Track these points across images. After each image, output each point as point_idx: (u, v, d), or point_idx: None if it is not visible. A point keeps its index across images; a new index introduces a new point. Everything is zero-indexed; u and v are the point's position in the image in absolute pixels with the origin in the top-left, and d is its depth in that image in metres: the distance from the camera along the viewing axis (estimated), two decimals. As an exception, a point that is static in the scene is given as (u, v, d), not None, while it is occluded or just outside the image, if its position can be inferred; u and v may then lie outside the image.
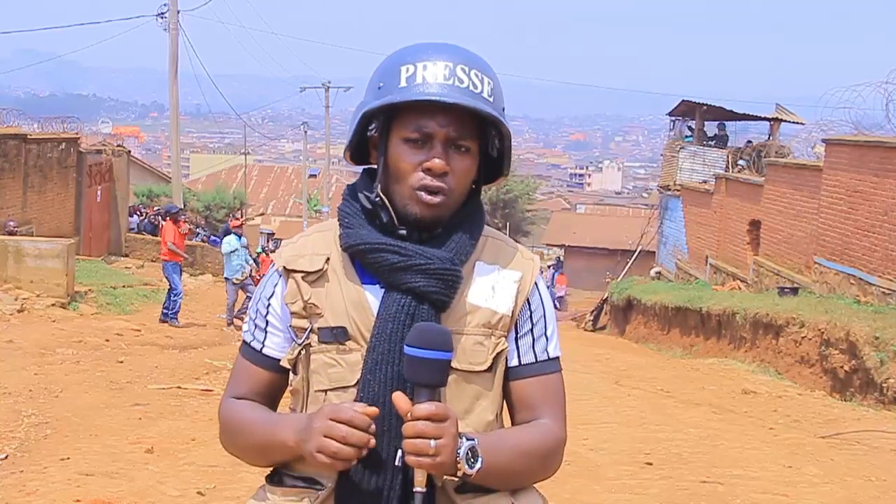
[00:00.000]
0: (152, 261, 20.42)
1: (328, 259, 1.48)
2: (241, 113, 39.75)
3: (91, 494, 4.26)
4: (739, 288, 15.70)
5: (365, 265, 1.45)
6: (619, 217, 41.23)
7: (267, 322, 1.52)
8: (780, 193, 15.17)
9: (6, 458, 4.96)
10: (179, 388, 7.27)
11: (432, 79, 1.41)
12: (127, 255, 21.58)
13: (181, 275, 12.82)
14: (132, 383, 7.33)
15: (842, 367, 9.17)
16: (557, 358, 1.54)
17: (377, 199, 1.46)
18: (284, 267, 1.50)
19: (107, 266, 18.41)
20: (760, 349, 11.20)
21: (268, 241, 17.55)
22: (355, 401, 1.39)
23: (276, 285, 1.52)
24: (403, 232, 1.45)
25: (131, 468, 4.81)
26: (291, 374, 1.51)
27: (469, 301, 1.46)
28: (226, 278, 13.11)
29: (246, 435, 1.49)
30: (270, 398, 1.55)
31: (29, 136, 17.31)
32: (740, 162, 19.77)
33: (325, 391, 1.45)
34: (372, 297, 1.45)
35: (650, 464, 5.53)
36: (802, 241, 13.87)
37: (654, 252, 24.07)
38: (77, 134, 20.34)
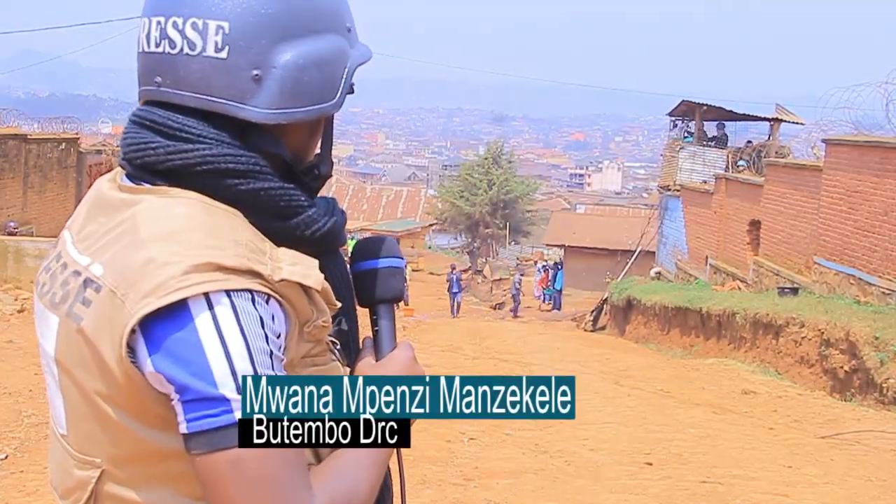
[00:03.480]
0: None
1: None
2: (241, 113, 39.66)
3: (91, 494, 4.25)
4: (739, 288, 15.70)
5: None
6: (619, 217, 41.19)
7: None
8: (779, 193, 15.17)
9: (6, 458, 4.96)
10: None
11: None
12: (127, 255, 21.58)
13: None
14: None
15: (842, 367, 9.17)
16: None
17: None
18: None
19: (107, 266, 18.41)
20: (760, 349, 11.20)
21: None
22: None
23: None
24: None
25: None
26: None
27: None
28: None
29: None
30: None
31: (29, 137, 17.34)
32: (740, 162, 19.76)
33: None
34: None
35: (650, 464, 5.54)
36: (802, 242, 13.87)
37: (654, 252, 24.06)
38: (77, 134, 20.38)
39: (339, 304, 1.13)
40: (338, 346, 1.17)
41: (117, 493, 1.06)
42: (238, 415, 0.96)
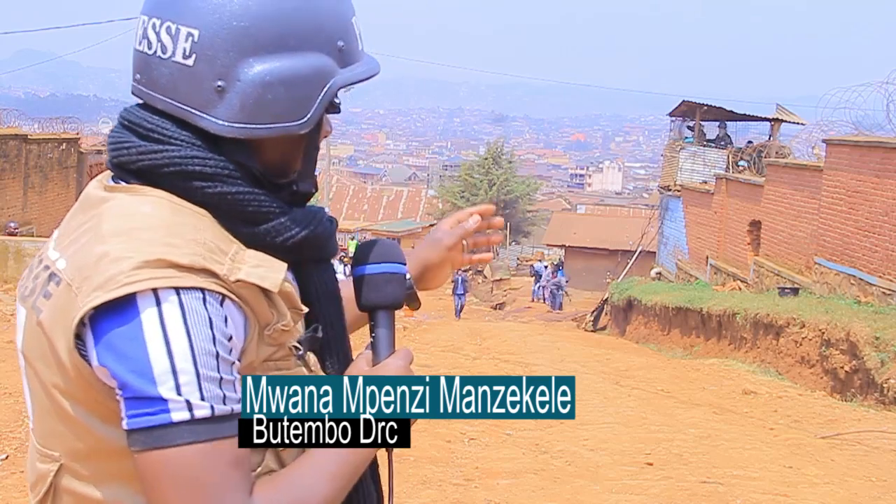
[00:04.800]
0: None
1: None
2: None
3: (91, 494, 4.25)
4: (740, 288, 15.70)
5: None
6: (619, 217, 41.20)
7: None
8: (780, 194, 15.17)
9: (6, 458, 4.96)
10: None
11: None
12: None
13: None
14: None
15: (842, 367, 9.17)
16: None
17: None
18: None
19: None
20: (761, 350, 11.20)
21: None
22: None
23: None
24: None
25: (132, 468, 4.79)
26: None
27: None
28: None
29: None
30: None
31: (29, 137, 17.37)
32: (741, 162, 19.77)
33: None
34: None
35: (650, 464, 5.54)
36: (803, 242, 13.87)
37: (655, 252, 24.07)
38: (77, 134, 20.40)
39: (304, 309, 1.11)
40: (300, 352, 1.13)
41: (74, 487, 1.06)
42: (175, 415, 0.95)
